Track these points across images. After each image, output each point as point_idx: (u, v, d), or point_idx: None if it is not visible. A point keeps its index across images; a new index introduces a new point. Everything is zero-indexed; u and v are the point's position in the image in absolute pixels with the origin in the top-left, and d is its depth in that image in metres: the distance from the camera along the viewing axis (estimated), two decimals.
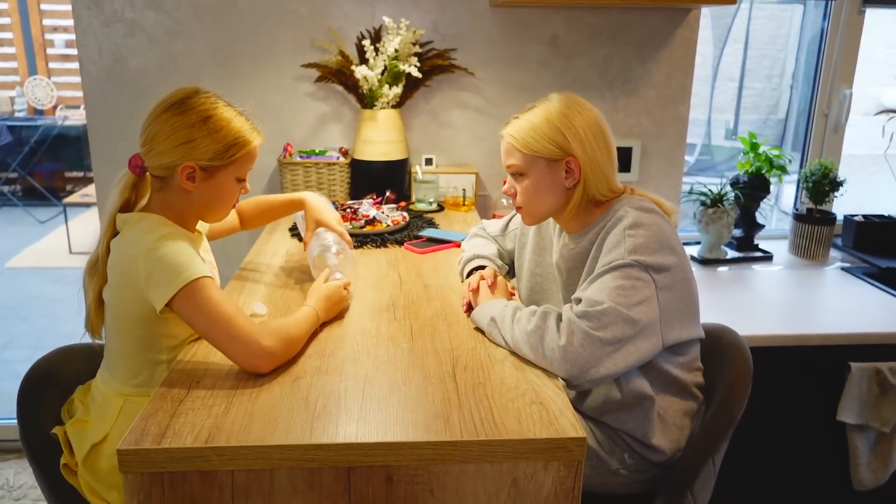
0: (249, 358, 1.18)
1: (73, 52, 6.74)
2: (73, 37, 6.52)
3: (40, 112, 6.81)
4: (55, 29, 6.82)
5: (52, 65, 6.91)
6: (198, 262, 1.23)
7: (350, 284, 1.54)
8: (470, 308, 1.45)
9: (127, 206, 1.34)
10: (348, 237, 1.67)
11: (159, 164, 1.30)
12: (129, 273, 1.23)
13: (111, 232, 1.31)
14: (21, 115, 6.78)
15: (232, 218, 1.73)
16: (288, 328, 1.24)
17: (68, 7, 5.62)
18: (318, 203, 1.70)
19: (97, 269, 1.32)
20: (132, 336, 1.29)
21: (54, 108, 6.80)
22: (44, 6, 6.77)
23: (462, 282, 1.64)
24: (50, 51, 6.87)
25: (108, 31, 2.30)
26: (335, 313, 1.44)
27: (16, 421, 1.37)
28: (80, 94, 6.63)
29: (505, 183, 1.48)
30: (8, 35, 6.83)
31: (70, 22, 6.37)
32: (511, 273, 1.74)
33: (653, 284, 1.27)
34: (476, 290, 1.45)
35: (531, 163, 1.40)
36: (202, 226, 1.49)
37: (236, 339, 1.18)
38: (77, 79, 6.67)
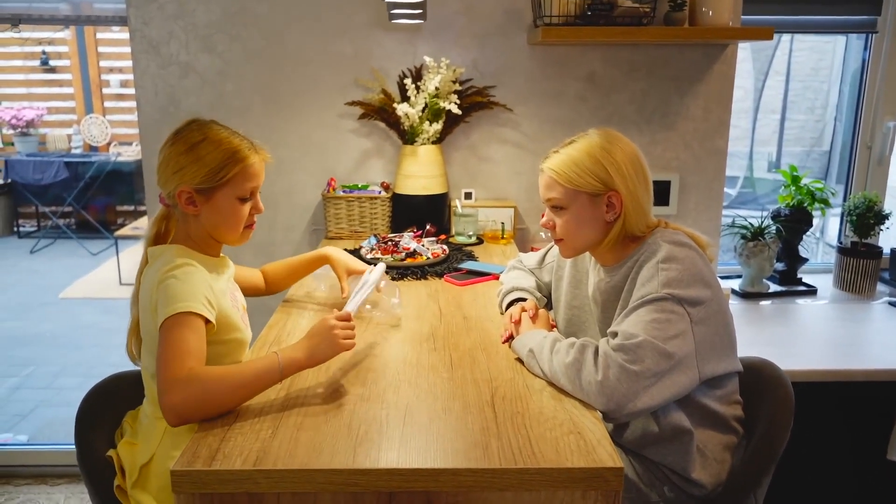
0: (162, 406, 1.13)
1: (128, 91, 7.05)
2: (127, 77, 6.86)
3: (95, 149, 7.11)
4: (111, 70, 7.15)
5: (107, 104, 7.24)
6: (198, 297, 1.25)
7: (353, 318, 1.33)
8: (510, 339, 1.47)
9: (158, 238, 1.42)
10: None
11: (166, 194, 1.39)
12: (148, 303, 1.30)
13: (144, 264, 1.40)
14: (77, 151, 7.09)
15: (256, 279, 1.73)
16: (214, 386, 1.14)
17: (124, 49, 5.95)
18: (343, 254, 1.74)
19: (136, 300, 1.40)
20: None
21: (108, 144, 7.09)
22: (101, 48, 7.11)
23: (501, 314, 1.67)
24: (105, 90, 7.20)
25: (165, 73, 2.43)
26: (328, 355, 1.25)
27: (72, 446, 1.42)
28: (132, 131, 6.98)
29: (543, 216, 1.51)
30: (67, 76, 7.18)
31: (125, 63, 6.74)
32: (548, 305, 1.76)
33: (687, 318, 1.27)
34: (518, 322, 1.48)
35: (573, 197, 1.42)
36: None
37: (164, 382, 1.14)
38: (130, 117, 7.02)
